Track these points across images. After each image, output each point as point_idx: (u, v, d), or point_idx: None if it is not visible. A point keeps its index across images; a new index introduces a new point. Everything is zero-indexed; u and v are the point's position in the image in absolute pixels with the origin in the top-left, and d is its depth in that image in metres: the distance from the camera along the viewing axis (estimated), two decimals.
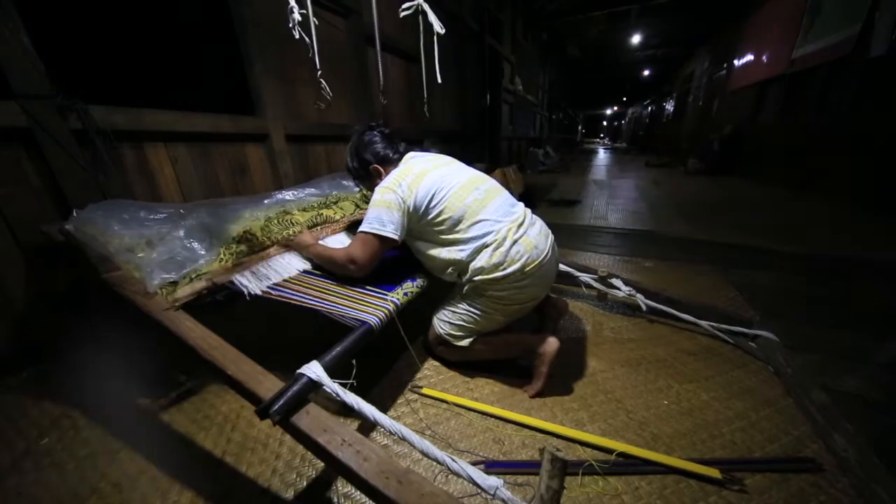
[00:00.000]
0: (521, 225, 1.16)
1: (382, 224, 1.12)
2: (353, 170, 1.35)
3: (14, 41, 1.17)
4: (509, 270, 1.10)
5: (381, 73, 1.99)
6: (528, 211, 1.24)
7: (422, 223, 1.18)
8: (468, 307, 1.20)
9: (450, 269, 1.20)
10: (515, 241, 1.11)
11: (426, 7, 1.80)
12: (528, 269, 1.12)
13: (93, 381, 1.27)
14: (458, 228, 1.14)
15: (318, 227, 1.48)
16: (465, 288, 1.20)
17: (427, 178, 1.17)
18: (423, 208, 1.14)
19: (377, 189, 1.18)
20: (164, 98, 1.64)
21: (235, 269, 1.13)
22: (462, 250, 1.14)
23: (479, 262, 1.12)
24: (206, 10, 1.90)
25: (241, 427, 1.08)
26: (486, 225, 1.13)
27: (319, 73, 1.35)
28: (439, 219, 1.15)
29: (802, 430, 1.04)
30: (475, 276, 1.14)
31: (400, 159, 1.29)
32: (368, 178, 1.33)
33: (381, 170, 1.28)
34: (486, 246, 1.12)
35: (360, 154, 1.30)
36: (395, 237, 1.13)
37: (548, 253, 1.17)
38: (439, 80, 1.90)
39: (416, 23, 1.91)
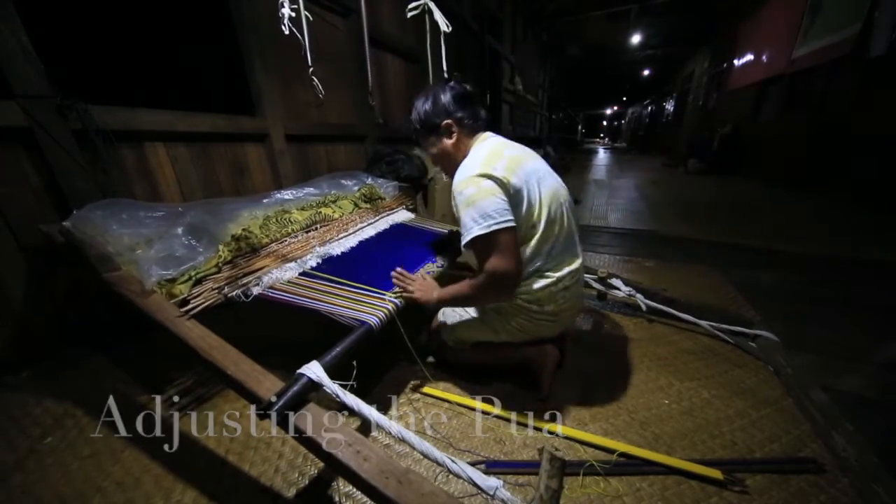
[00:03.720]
0: (578, 270, 1.09)
1: (500, 214, 0.92)
2: (422, 118, 1.12)
3: (14, 41, 1.16)
4: (547, 309, 1.07)
5: (370, 73, 1.98)
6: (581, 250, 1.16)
7: None
8: (479, 319, 1.18)
9: None
10: (567, 287, 1.06)
11: (432, 6, 1.80)
12: (562, 314, 1.10)
13: (94, 380, 1.27)
14: (534, 234, 1.01)
15: (318, 227, 1.48)
16: None
17: (522, 166, 1.01)
18: (513, 199, 0.97)
19: (464, 179, 0.97)
20: (164, 98, 1.64)
21: (240, 277, 1.12)
22: (525, 267, 1.03)
23: (528, 285, 1.05)
24: (205, 9, 1.89)
25: (243, 426, 1.08)
26: (554, 251, 1.04)
27: (311, 69, 1.34)
28: (523, 216, 0.99)
29: (802, 430, 1.04)
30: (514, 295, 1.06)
31: (476, 129, 1.12)
32: (435, 133, 1.12)
33: (455, 129, 1.09)
34: (541, 275, 1.04)
35: (437, 101, 1.09)
36: (515, 225, 0.95)
37: (581, 303, 1.16)
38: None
39: (417, 23, 1.91)
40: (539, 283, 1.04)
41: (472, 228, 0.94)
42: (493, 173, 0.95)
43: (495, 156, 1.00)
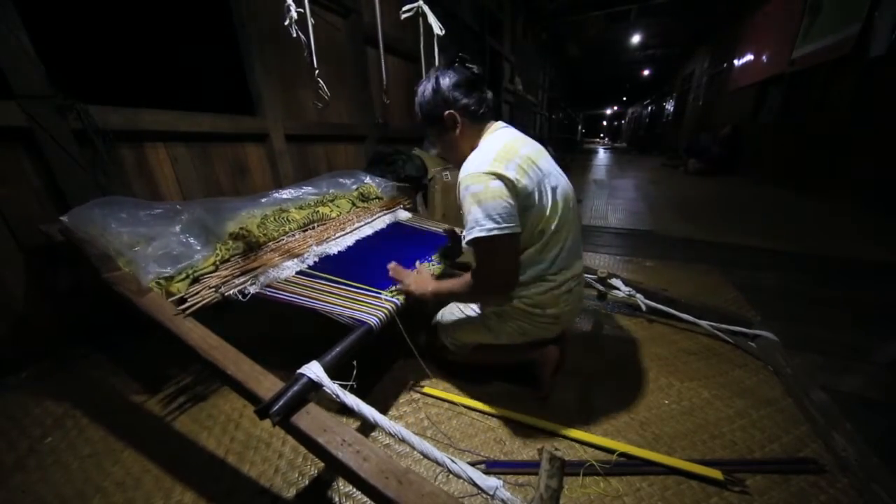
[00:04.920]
0: (581, 272, 1.08)
1: (504, 219, 0.88)
2: (423, 108, 1.05)
3: (14, 41, 1.17)
4: (549, 312, 1.05)
5: (384, 73, 2.00)
6: None
7: None
8: (479, 322, 1.17)
9: None
10: (570, 290, 1.05)
11: (426, 9, 1.82)
12: (564, 316, 1.09)
13: (94, 380, 1.27)
14: (541, 239, 0.97)
15: (315, 226, 1.47)
16: None
17: (537, 167, 0.95)
18: (523, 202, 0.91)
19: (472, 174, 0.90)
20: (163, 98, 1.64)
21: (238, 276, 1.12)
22: (526, 271, 0.99)
23: (529, 289, 1.02)
24: (206, 9, 1.90)
25: (244, 426, 1.08)
26: (560, 256, 1.00)
27: (317, 71, 1.34)
28: (531, 221, 0.94)
29: (802, 430, 1.04)
30: (512, 298, 1.04)
31: (485, 119, 1.04)
32: (438, 124, 1.04)
33: (459, 121, 1.01)
34: (545, 279, 1.01)
35: (437, 89, 1.00)
36: (519, 231, 0.91)
37: (581, 303, 1.17)
38: None
39: (416, 23, 1.92)
40: (542, 287, 1.01)
41: (473, 228, 0.90)
42: (505, 173, 0.88)
43: (509, 152, 0.93)
